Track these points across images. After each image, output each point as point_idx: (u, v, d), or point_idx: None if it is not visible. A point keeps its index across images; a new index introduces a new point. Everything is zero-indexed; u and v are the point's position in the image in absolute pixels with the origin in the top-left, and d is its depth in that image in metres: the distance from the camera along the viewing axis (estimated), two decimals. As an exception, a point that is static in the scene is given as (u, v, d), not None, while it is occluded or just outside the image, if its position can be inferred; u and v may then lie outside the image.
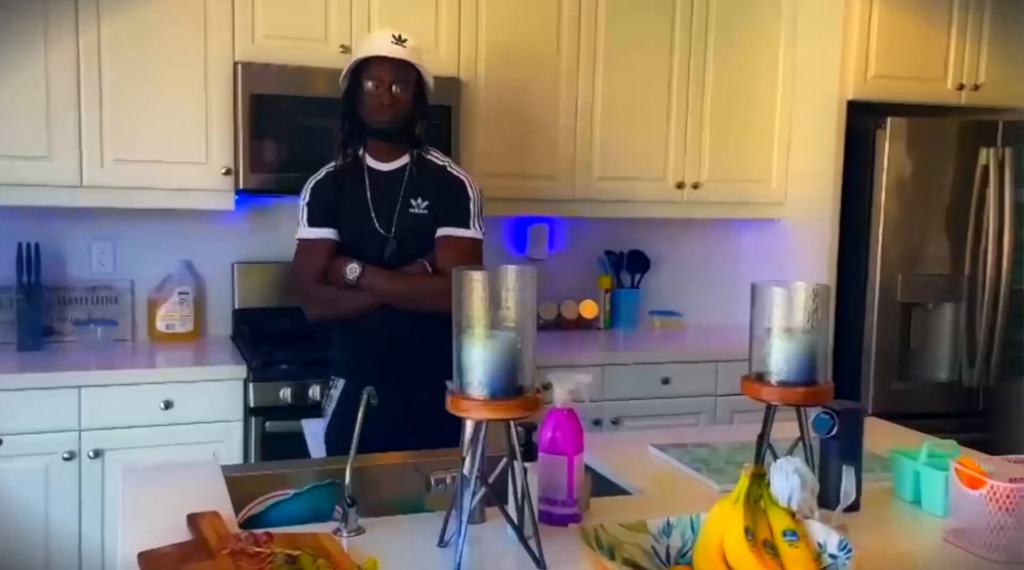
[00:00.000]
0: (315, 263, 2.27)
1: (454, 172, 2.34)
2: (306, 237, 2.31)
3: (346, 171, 2.33)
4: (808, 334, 1.49)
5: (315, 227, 2.29)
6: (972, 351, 3.31)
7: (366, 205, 2.28)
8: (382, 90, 2.21)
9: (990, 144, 3.24)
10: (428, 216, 2.27)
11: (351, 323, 2.28)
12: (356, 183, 2.30)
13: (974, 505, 1.40)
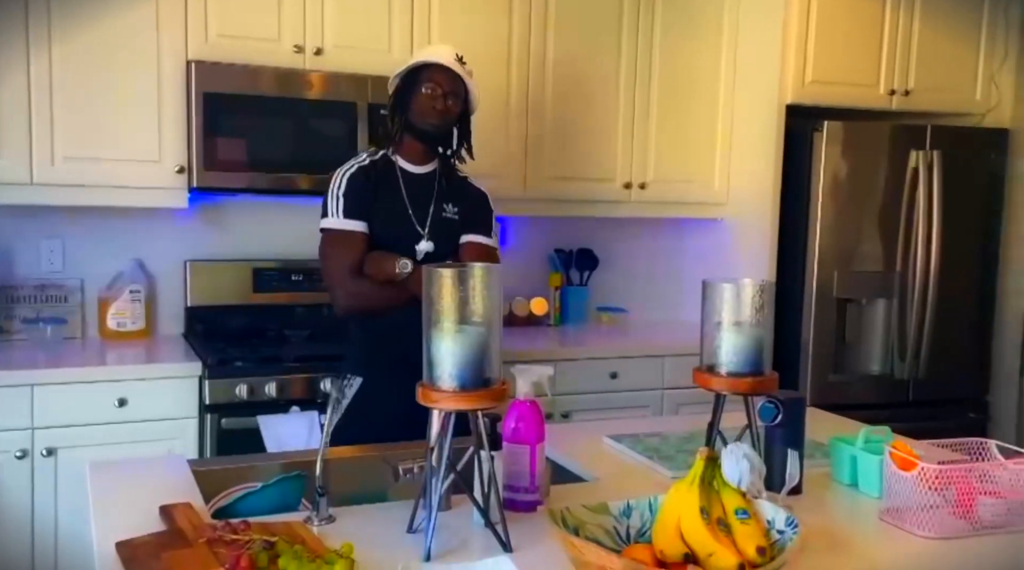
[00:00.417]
0: (352, 255, 2.30)
1: (476, 184, 2.49)
2: (340, 228, 2.31)
3: (378, 167, 2.37)
4: (755, 328, 1.59)
5: (349, 218, 2.30)
6: (903, 345, 3.48)
7: (403, 203, 2.35)
8: (438, 95, 2.32)
9: (919, 147, 3.41)
10: (458, 221, 2.39)
11: (375, 320, 2.33)
12: (390, 180, 2.36)
13: (906, 486, 1.50)
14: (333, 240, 2.33)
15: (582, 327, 3.71)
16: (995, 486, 1.51)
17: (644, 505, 1.28)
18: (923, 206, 3.42)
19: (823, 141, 3.34)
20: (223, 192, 3.05)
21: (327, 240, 2.34)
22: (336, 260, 2.31)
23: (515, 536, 1.39)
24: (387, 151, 2.40)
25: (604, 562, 1.06)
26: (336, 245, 2.32)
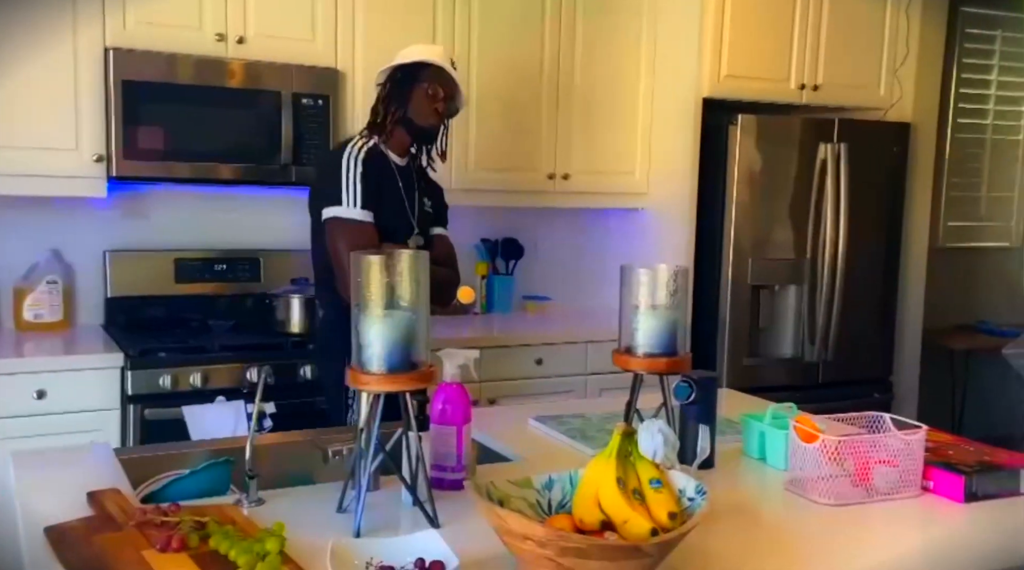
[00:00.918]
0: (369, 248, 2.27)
1: (435, 179, 2.55)
2: (358, 219, 2.27)
3: (374, 156, 2.36)
4: (670, 311, 1.67)
5: (365, 209, 2.28)
6: (812, 329, 3.65)
7: (400, 196, 2.38)
8: (439, 98, 2.38)
9: (827, 140, 3.58)
10: (432, 215, 2.47)
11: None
12: (387, 171, 2.37)
13: (809, 457, 1.61)
14: (352, 232, 2.26)
15: (508, 315, 3.78)
16: (889, 456, 1.62)
17: (565, 478, 1.34)
18: (831, 196, 3.59)
19: (738, 134, 3.47)
20: (143, 181, 3.02)
21: (346, 231, 2.27)
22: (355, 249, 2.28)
23: (442, 513, 1.44)
24: (377, 141, 2.39)
25: (526, 530, 1.12)
26: (353, 235, 2.25)
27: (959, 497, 1.59)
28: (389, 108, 2.39)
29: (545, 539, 1.12)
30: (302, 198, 3.40)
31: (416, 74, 2.39)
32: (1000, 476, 1.63)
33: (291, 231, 3.41)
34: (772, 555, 1.40)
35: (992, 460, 1.68)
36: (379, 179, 2.34)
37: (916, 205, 3.91)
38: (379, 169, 2.35)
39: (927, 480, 1.64)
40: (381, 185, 2.34)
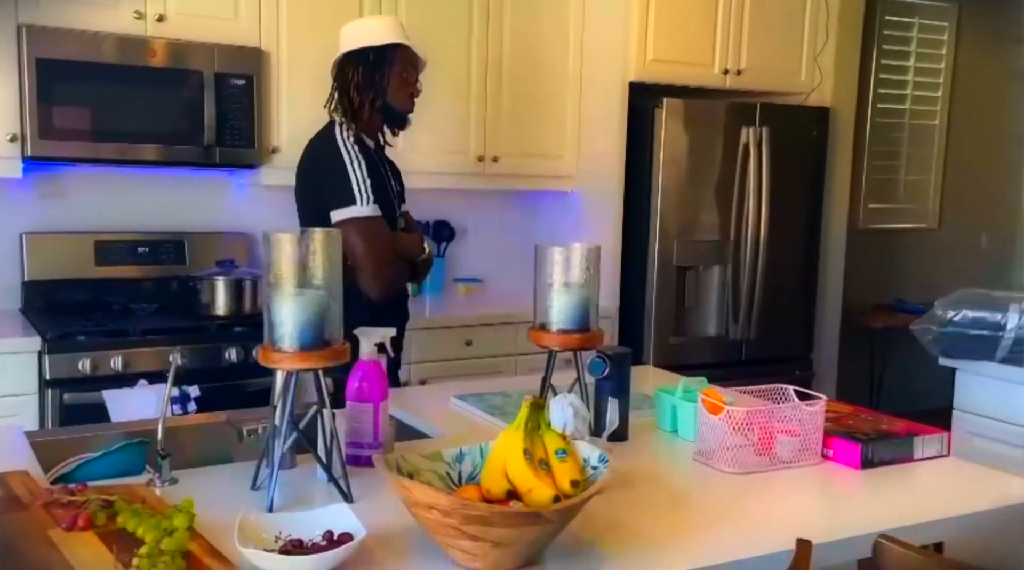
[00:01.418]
0: (388, 244, 2.31)
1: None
2: (373, 215, 2.26)
3: (359, 144, 2.32)
4: (582, 288, 1.71)
5: (376, 203, 2.26)
6: (736, 308, 3.75)
7: (384, 182, 2.36)
8: (413, 82, 2.38)
9: (750, 124, 3.66)
10: (400, 195, 2.50)
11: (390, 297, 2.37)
12: (371, 159, 2.33)
13: (715, 428, 1.67)
14: (371, 231, 2.25)
15: (439, 297, 3.79)
16: (791, 426, 1.69)
17: (475, 451, 1.37)
18: (753, 179, 3.68)
19: (663, 117, 3.53)
20: (61, 162, 2.95)
21: (365, 230, 2.24)
22: (380, 252, 2.27)
23: (358, 489, 1.46)
24: (353, 127, 2.34)
25: (430, 500, 1.15)
26: (375, 236, 2.26)
27: (856, 464, 1.67)
28: (366, 95, 2.34)
29: (449, 508, 1.14)
30: (227, 179, 3.41)
31: (390, 57, 2.34)
32: (895, 443, 1.71)
33: (216, 213, 3.39)
34: (677, 521, 1.45)
35: (888, 429, 1.76)
36: (370, 168, 2.32)
37: (835, 188, 4.03)
38: (368, 158, 2.32)
39: (827, 448, 1.72)
40: (371, 173, 2.32)
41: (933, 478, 1.68)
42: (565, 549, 1.29)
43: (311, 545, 1.19)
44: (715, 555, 1.30)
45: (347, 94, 2.36)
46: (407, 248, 2.39)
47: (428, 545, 1.26)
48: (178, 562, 1.12)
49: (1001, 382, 2.68)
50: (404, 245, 2.39)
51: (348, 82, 2.36)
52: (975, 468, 1.73)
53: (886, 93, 4.78)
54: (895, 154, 4.87)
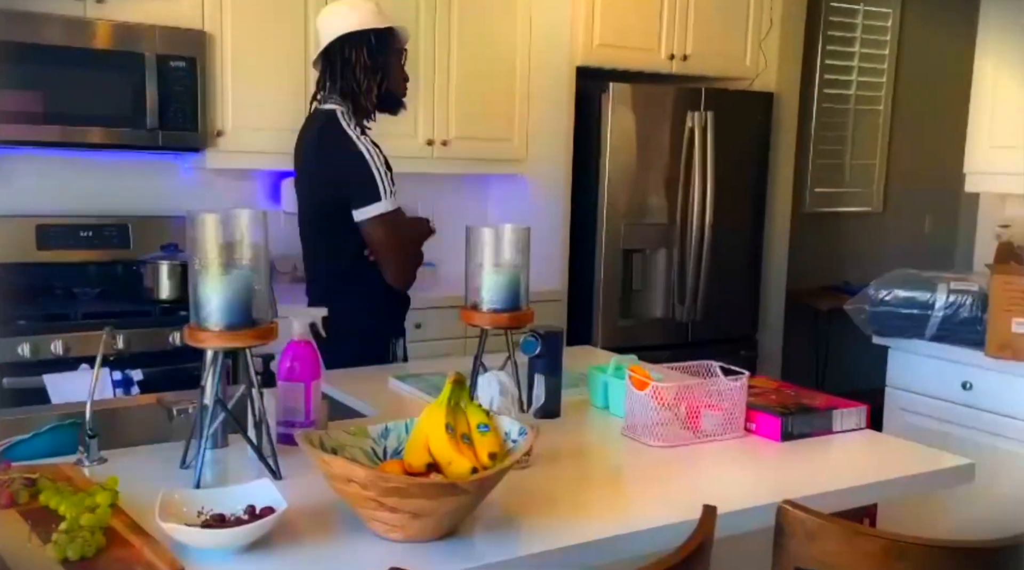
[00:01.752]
0: (409, 233, 2.38)
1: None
2: (396, 208, 2.30)
3: (363, 132, 2.34)
4: (513, 269, 1.75)
5: (395, 195, 2.30)
6: (682, 291, 3.81)
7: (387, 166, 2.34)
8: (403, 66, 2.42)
9: (695, 109, 3.71)
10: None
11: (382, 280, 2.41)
12: (377, 146, 2.34)
13: (642, 403, 1.72)
14: (396, 223, 2.31)
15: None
16: (716, 400, 1.74)
17: (401, 427, 1.40)
18: (699, 163, 3.74)
19: (610, 102, 3.57)
20: (1, 145, 2.90)
21: (392, 224, 2.30)
22: (407, 245, 2.37)
23: (289, 467, 1.48)
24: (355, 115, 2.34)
25: (348, 473, 1.18)
26: (401, 228, 2.33)
27: (776, 436, 1.73)
28: (373, 77, 2.33)
29: (367, 481, 1.17)
30: (172, 162, 3.39)
31: (389, 41, 2.36)
32: (814, 417, 1.77)
33: (161, 197, 3.36)
34: (602, 493, 1.50)
35: (809, 403, 1.82)
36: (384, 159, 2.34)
37: (780, 172, 4.11)
38: (376, 147, 2.33)
39: (750, 422, 1.77)
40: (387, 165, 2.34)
41: (849, 449, 1.74)
42: (491, 520, 1.33)
43: (233, 519, 1.21)
44: (631, 524, 1.34)
45: (353, 77, 2.32)
46: (421, 232, 2.47)
47: (352, 518, 1.29)
48: (98, 538, 1.13)
49: (930, 359, 2.77)
50: (419, 230, 2.47)
51: (352, 64, 2.32)
52: (890, 439, 1.80)
53: (832, 79, 4.86)
54: (841, 139, 4.97)
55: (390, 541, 1.24)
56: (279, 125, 3.30)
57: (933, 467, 1.65)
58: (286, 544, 1.23)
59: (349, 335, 2.23)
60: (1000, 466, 2.54)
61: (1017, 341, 2.51)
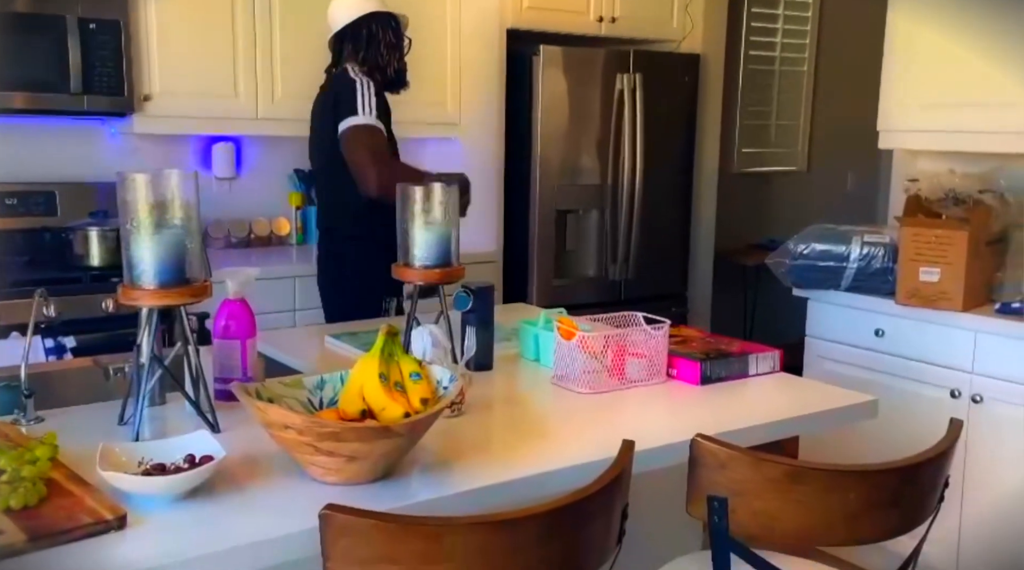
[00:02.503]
0: (384, 144, 2.63)
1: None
2: (373, 124, 2.61)
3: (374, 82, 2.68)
4: (443, 226, 1.80)
5: (379, 119, 2.63)
6: (615, 250, 3.91)
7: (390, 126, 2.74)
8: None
9: (624, 71, 3.78)
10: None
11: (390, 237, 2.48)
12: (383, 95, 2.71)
13: (570, 353, 1.79)
14: (370, 131, 2.59)
15: (325, 245, 3.81)
16: (639, 348, 1.83)
17: (336, 378, 1.45)
18: (628, 125, 3.81)
19: (541, 64, 3.61)
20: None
21: (364, 131, 2.58)
22: (374, 146, 2.58)
23: (225, 421, 1.53)
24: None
25: (285, 420, 1.23)
26: (373, 135, 2.59)
27: (696, 380, 1.83)
28: (393, 55, 2.73)
29: (303, 427, 1.23)
30: (98, 128, 3.33)
31: (399, 25, 2.76)
32: (731, 362, 1.87)
33: (87, 163, 3.32)
34: (531, 437, 1.57)
35: (727, 349, 1.93)
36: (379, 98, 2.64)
37: (707, 132, 4.21)
38: (379, 91, 2.66)
39: (671, 368, 1.87)
40: (380, 103, 2.64)
41: (763, 390, 1.85)
42: (426, 464, 1.40)
43: (173, 468, 1.26)
44: (557, 462, 1.42)
45: (378, 51, 2.70)
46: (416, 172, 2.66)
47: (289, 465, 1.34)
48: (39, 487, 1.17)
49: (846, 309, 2.92)
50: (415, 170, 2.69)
51: (379, 40, 2.69)
52: (801, 381, 1.92)
53: (757, 40, 4.98)
54: (766, 100, 5.10)
55: (327, 484, 1.30)
56: (208, 89, 3.28)
57: (840, 404, 1.77)
58: (226, 491, 1.28)
59: (347, 286, 2.67)
60: (908, 406, 2.71)
61: (924, 288, 2.66)
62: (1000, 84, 2.70)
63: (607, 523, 1.23)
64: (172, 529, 1.17)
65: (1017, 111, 2.66)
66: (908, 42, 2.94)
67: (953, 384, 2.67)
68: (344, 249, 2.78)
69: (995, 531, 2.63)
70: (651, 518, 1.71)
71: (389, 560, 1.06)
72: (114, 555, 1.09)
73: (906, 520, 1.37)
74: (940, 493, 1.43)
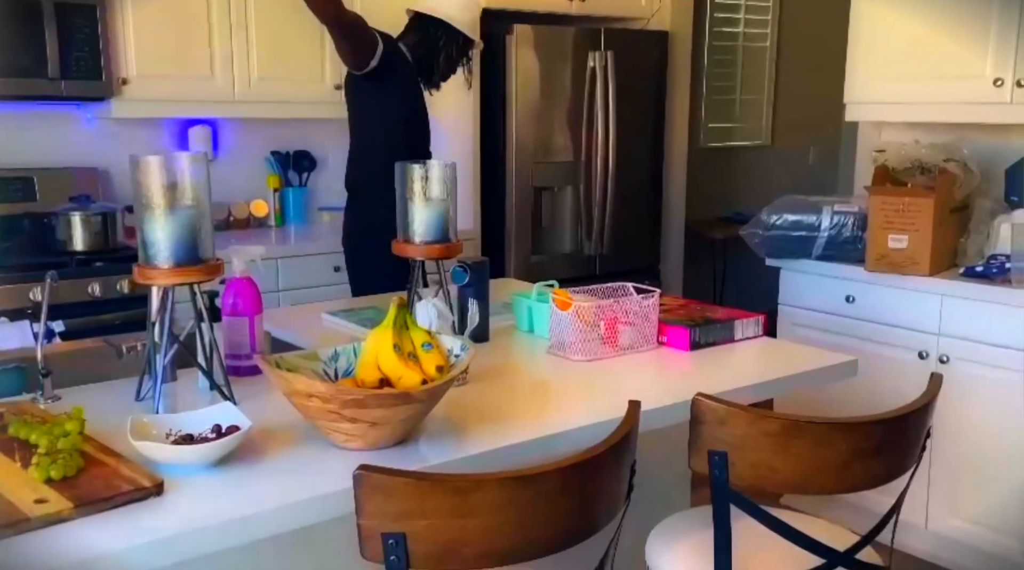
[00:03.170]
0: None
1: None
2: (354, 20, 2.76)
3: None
4: (442, 202, 1.85)
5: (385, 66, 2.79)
6: (589, 226, 3.99)
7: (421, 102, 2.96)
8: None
9: (596, 49, 3.84)
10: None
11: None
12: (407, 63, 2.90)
13: (565, 322, 1.87)
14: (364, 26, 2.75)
15: (304, 226, 3.84)
16: (631, 317, 1.91)
17: (349, 350, 1.51)
18: (601, 102, 3.88)
19: (515, 43, 3.66)
20: None
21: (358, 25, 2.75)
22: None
23: (239, 395, 1.57)
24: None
25: (311, 388, 1.28)
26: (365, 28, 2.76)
27: (686, 346, 1.91)
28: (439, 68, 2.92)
29: (328, 395, 1.28)
30: (75, 113, 3.32)
31: (469, 50, 2.97)
32: (717, 328, 1.96)
33: (64, 148, 3.30)
34: (534, 402, 1.64)
35: (713, 316, 2.01)
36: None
37: (676, 108, 4.30)
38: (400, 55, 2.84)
39: (662, 336, 1.95)
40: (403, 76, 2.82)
41: (750, 354, 1.94)
42: (436, 431, 1.47)
43: (201, 438, 1.31)
44: (564, 424, 1.50)
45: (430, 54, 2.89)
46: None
47: (309, 435, 1.40)
48: (76, 459, 1.21)
49: (817, 277, 3.03)
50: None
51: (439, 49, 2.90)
52: (785, 344, 2.01)
53: (722, 17, 5.07)
54: (731, 76, 5.20)
55: (348, 450, 1.36)
56: (186, 72, 3.28)
57: (822, 364, 1.87)
58: (252, 459, 1.33)
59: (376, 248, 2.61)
60: (879, 368, 2.83)
61: (893, 255, 2.78)
62: (960, 57, 2.81)
63: (618, 477, 1.30)
64: (207, 494, 1.22)
65: (976, 83, 2.78)
66: (872, 18, 3.03)
67: (921, 346, 2.79)
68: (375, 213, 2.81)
69: (962, 485, 2.77)
70: (643, 480, 1.79)
71: (419, 514, 1.12)
72: (156, 518, 1.14)
73: (892, 468, 1.47)
74: (923, 444, 1.53)
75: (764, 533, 1.45)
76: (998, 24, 2.72)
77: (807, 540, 1.45)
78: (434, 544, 1.13)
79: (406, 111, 2.85)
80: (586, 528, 1.23)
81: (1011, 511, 2.66)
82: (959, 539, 2.80)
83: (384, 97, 2.80)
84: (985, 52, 2.76)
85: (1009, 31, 2.70)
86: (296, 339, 2.05)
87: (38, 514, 1.09)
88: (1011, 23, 2.69)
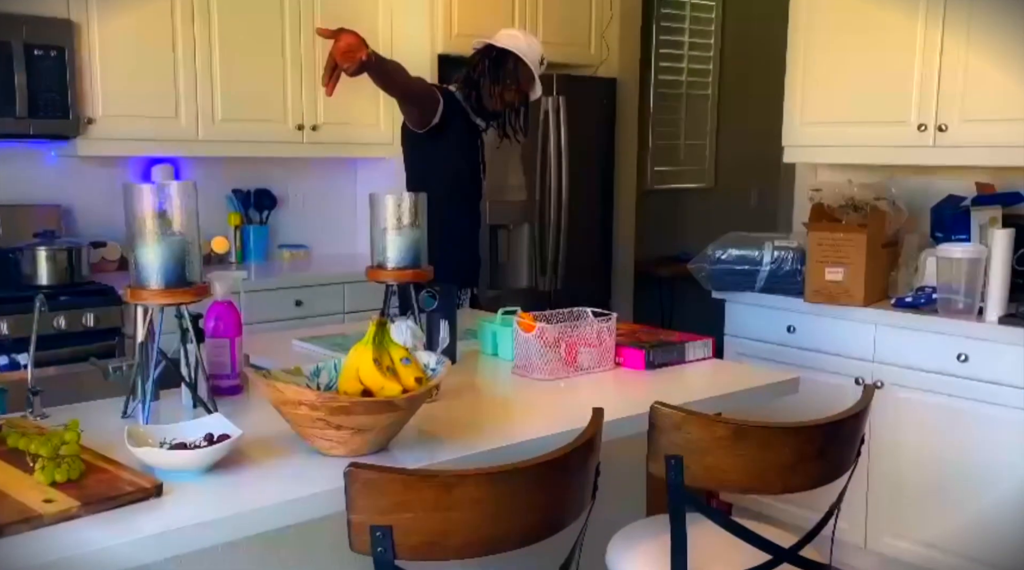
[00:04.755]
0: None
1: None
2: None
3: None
4: (413, 229, 1.97)
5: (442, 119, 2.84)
6: (543, 262, 4.13)
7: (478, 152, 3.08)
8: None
9: (549, 94, 4.03)
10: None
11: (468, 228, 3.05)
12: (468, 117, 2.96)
13: (529, 344, 1.99)
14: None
15: (265, 264, 3.92)
16: (589, 340, 2.04)
17: (331, 365, 1.60)
18: (554, 145, 4.06)
19: (471, 88, 3.81)
20: None
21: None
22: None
23: (222, 412, 1.65)
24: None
25: (300, 397, 1.38)
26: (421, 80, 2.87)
27: (641, 366, 2.04)
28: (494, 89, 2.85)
29: (317, 402, 1.38)
30: (36, 150, 3.37)
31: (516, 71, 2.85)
32: (671, 349, 2.10)
33: (26, 185, 3.35)
34: (503, 415, 1.75)
35: (666, 339, 2.15)
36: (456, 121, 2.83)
37: (624, 152, 4.50)
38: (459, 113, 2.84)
39: (619, 356, 2.08)
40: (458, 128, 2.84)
41: (701, 373, 2.08)
42: (412, 439, 1.57)
43: (194, 446, 1.39)
44: (530, 433, 1.61)
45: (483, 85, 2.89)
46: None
47: (293, 444, 1.49)
48: (78, 464, 1.28)
49: (760, 308, 3.20)
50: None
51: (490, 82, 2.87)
52: (733, 364, 2.16)
53: (666, 66, 5.32)
54: (675, 121, 5.44)
55: (332, 456, 1.45)
56: (150, 112, 3.36)
57: (767, 381, 2.01)
58: (242, 465, 1.41)
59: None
60: (819, 395, 2.99)
61: (830, 287, 2.97)
62: (888, 104, 3.05)
63: (584, 478, 1.42)
64: (203, 496, 1.30)
65: (903, 128, 3.01)
66: (807, 68, 3.27)
67: (857, 372, 2.97)
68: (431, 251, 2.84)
69: (898, 502, 2.94)
70: (602, 493, 1.90)
71: (405, 508, 1.22)
72: (157, 517, 1.22)
73: (831, 470, 1.61)
74: (857, 448, 1.67)
75: (717, 537, 1.57)
76: (920, 73, 2.96)
77: (756, 538, 1.58)
78: (418, 535, 1.23)
79: (461, 161, 2.92)
80: (558, 521, 1.34)
81: (946, 529, 2.83)
82: (898, 557, 2.95)
83: (441, 149, 2.86)
84: (909, 99, 2.99)
85: (930, 80, 2.94)
86: (270, 363, 2.12)
87: (49, 511, 1.16)
88: (931, 73, 2.94)
